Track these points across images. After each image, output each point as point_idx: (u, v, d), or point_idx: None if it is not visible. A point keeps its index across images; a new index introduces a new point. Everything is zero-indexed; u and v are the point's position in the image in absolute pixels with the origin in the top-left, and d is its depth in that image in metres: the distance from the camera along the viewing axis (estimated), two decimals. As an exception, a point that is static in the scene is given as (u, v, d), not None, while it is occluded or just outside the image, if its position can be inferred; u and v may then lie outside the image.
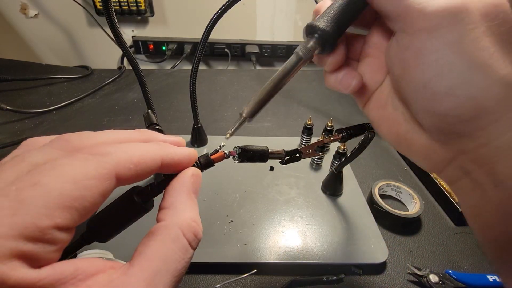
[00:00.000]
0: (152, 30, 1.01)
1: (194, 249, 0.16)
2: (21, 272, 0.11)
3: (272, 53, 1.04)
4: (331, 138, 0.27)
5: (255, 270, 0.33)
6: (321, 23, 0.19)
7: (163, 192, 0.18)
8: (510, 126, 0.16)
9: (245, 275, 0.33)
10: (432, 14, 0.15)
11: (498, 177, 0.17)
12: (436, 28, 0.15)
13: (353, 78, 0.21)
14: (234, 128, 0.20)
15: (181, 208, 0.17)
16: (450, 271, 0.34)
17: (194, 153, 0.19)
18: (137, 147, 0.16)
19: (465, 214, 0.20)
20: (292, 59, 0.20)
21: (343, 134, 0.27)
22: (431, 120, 0.18)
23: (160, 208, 0.17)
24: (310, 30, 0.20)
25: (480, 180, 0.18)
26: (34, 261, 0.12)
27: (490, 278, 0.33)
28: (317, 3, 0.63)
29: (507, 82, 0.15)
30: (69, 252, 0.18)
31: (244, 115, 0.19)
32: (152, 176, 0.44)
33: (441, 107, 0.16)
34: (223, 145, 0.21)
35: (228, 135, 0.20)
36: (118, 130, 0.18)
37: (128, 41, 1.01)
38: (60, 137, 0.15)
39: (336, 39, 0.20)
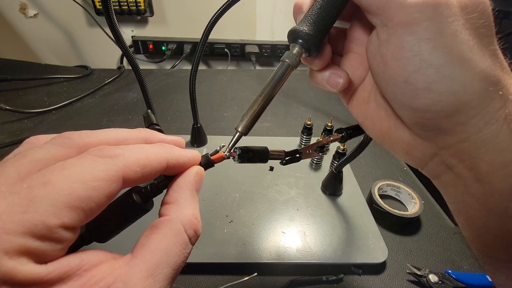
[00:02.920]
0: (151, 30, 1.01)
1: (193, 244, 0.17)
2: (29, 267, 0.12)
3: (271, 53, 1.03)
4: (331, 138, 0.27)
5: (256, 274, 0.33)
6: (304, 28, 0.19)
7: (162, 192, 0.18)
8: (488, 121, 0.16)
9: (246, 278, 0.33)
10: (411, 7, 0.15)
11: (478, 171, 0.17)
12: (416, 22, 0.15)
13: (340, 77, 0.21)
14: (231, 143, 0.20)
15: (184, 205, 0.17)
16: (450, 271, 0.34)
17: (198, 155, 0.19)
18: (143, 150, 0.16)
19: (451, 211, 0.20)
20: (280, 68, 0.20)
21: (343, 134, 0.27)
22: (412, 115, 0.18)
23: (163, 203, 0.17)
24: (294, 35, 0.20)
25: (462, 174, 0.18)
26: (41, 258, 0.12)
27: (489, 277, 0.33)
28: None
29: (485, 76, 0.15)
30: (68, 253, 0.18)
31: (239, 130, 0.20)
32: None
33: (422, 103, 0.16)
34: (223, 146, 0.21)
35: (226, 150, 0.20)
36: (118, 128, 0.18)
37: (128, 41, 1.01)
38: (61, 135, 0.16)
39: (321, 41, 0.20)
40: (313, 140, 0.51)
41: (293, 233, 0.37)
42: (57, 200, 0.12)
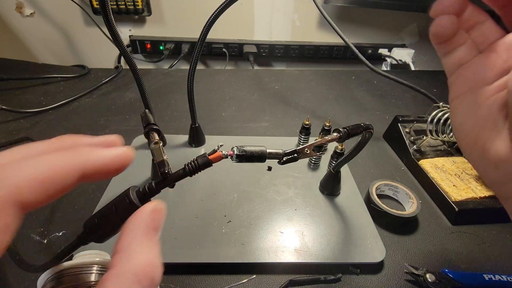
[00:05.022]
0: (149, 30, 1.01)
1: None
2: None
3: (270, 53, 1.03)
4: (329, 138, 0.27)
5: (254, 276, 0.33)
6: None
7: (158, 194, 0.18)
8: None
9: (244, 280, 0.33)
10: None
11: None
12: None
13: (451, 24, 0.19)
14: None
15: (136, 251, 0.14)
16: (447, 270, 0.34)
17: (126, 153, 0.16)
18: (44, 160, 0.13)
19: None
20: None
21: (341, 134, 0.27)
22: None
23: (112, 252, 0.15)
24: None
25: None
26: None
27: (486, 277, 0.33)
28: (315, 3, 0.62)
29: None
30: (66, 253, 0.18)
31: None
32: (150, 175, 0.44)
33: None
34: (221, 145, 0.21)
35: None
36: (32, 143, 0.15)
37: (125, 41, 1.01)
38: None
39: None
40: (311, 140, 0.51)
41: (291, 233, 0.37)
42: None
